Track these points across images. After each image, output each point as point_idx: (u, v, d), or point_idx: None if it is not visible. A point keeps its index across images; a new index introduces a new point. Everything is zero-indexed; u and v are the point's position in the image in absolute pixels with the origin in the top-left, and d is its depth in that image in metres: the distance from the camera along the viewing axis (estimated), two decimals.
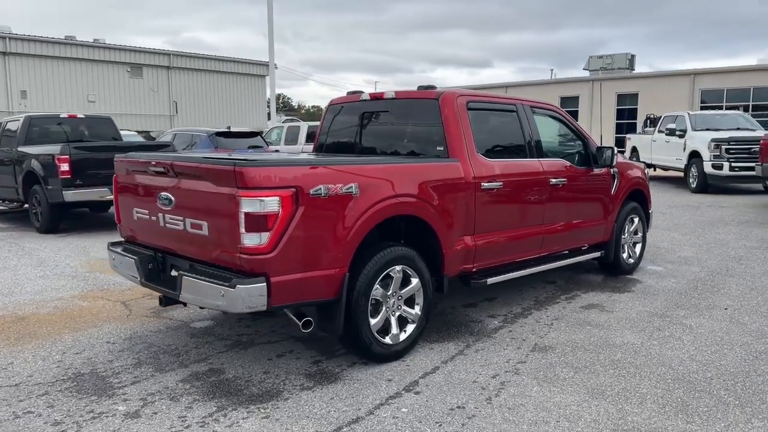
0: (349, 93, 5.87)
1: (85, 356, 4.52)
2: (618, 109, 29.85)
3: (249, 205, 3.54)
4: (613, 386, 3.93)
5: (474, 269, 4.96)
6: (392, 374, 4.14)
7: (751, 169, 13.23)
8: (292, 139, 16.26)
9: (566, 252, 6.08)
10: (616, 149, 6.22)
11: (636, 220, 6.97)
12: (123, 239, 4.89)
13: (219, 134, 13.84)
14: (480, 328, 5.09)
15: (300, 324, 3.88)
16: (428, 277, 4.50)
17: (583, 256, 6.23)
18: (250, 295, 3.58)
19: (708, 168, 14.58)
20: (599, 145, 6.26)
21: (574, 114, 31.32)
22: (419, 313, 4.47)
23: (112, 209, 5.92)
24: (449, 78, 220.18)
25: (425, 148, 5.02)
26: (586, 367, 4.25)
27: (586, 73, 35.91)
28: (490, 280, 5.04)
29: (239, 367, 4.29)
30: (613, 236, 6.57)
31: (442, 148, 4.86)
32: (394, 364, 4.31)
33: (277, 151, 14.27)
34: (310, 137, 16.00)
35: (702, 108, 26.61)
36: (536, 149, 5.58)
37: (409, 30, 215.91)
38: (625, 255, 6.85)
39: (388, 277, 4.24)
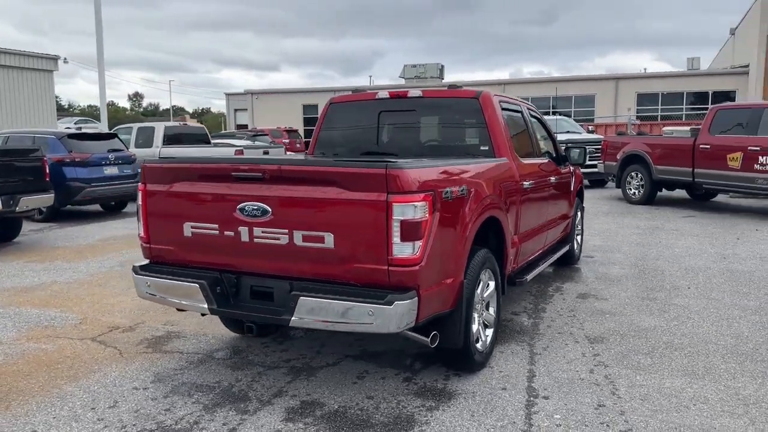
0: (354, 91, 5.50)
1: (127, 409, 3.65)
2: None
3: (404, 212, 3.17)
4: (694, 366, 4.24)
5: (515, 268, 5.00)
6: (497, 382, 4.00)
7: (593, 167, 15.06)
8: (144, 142, 14.66)
9: (555, 246, 6.39)
10: (587, 149, 6.68)
11: (579, 214, 7.57)
12: (149, 261, 4.03)
13: (71, 136, 12.02)
14: (520, 327, 5.13)
15: (428, 339, 3.57)
16: (501, 279, 4.43)
17: (561, 251, 6.60)
18: (404, 313, 3.21)
19: None
20: None
21: None
22: (494, 316, 4.38)
23: None
24: (235, 80, 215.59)
25: (466, 147, 4.92)
26: (651, 352, 4.52)
27: (402, 81, 37.77)
28: (528, 277, 5.11)
29: (332, 395, 3.81)
30: (572, 230, 7.06)
31: (486, 148, 4.81)
32: (485, 371, 4.17)
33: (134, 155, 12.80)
34: (170, 140, 14.61)
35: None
36: (538, 149, 5.79)
37: (191, 28, 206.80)
38: (575, 246, 7.40)
39: (479, 281, 4.09)
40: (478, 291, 4.01)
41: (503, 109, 5.09)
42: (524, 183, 4.94)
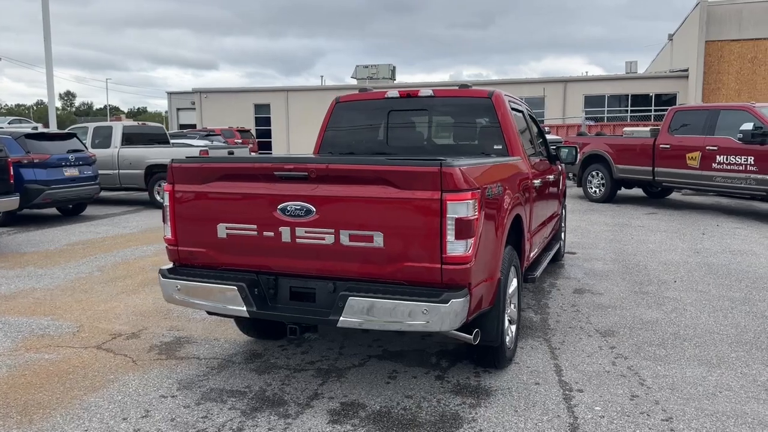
0: (360, 90, 5.47)
1: (162, 418, 3.51)
2: None
3: (458, 210, 3.17)
4: (707, 356, 4.42)
5: (527, 264, 5.08)
6: (528, 378, 4.06)
7: None
8: (102, 141, 14.09)
9: (550, 243, 6.53)
10: (577, 147, 6.86)
11: (563, 211, 7.76)
12: (176, 264, 3.89)
13: (29, 136, 11.44)
14: (530, 323, 5.22)
15: (471, 336, 3.59)
16: (520, 276, 4.50)
17: (555, 247, 6.74)
18: (459, 311, 3.22)
19: None
20: None
21: None
22: (517, 312, 4.45)
23: None
24: (171, 78, 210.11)
25: (480, 146, 4.97)
26: (662, 343, 4.69)
27: (354, 81, 37.73)
28: (537, 273, 5.20)
29: (370, 396, 3.77)
30: (563, 226, 7.23)
31: (500, 147, 4.87)
32: (513, 367, 4.23)
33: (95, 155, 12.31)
34: (129, 140, 14.11)
35: None
36: (538, 148, 5.91)
37: (124, 25, 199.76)
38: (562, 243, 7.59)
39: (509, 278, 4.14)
40: (508, 288, 4.06)
41: (511, 108, 5.17)
42: (535, 181, 5.03)
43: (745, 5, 24.43)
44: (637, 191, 15.09)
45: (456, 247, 3.19)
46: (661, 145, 12.21)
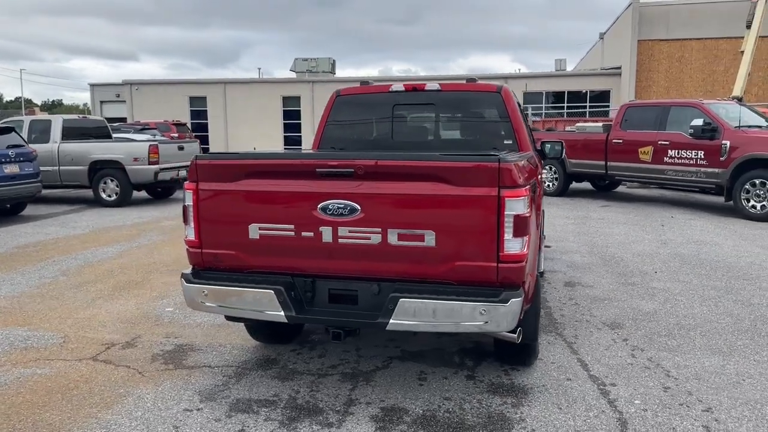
0: (362, 83, 5.30)
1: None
2: None
3: (516, 207, 3.10)
4: (716, 344, 4.55)
5: None
6: (558, 374, 4.05)
7: None
8: (39, 136, 13.16)
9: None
10: (562, 143, 6.93)
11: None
12: (197, 267, 3.63)
13: None
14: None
15: (515, 335, 3.53)
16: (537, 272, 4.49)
17: (544, 241, 6.80)
18: (517, 310, 3.15)
19: None
20: None
21: (296, 114, 32.20)
22: (539, 308, 4.43)
23: None
24: (88, 69, 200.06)
25: (490, 141, 4.91)
26: (670, 333, 4.81)
27: (293, 74, 37.12)
28: (542, 268, 5.22)
29: (408, 400, 3.66)
30: (544, 221, 7.32)
31: (510, 142, 4.84)
32: (538, 364, 4.21)
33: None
34: (68, 134, 13.26)
35: None
36: (533, 143, 5.92)
37: (35, 13, 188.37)
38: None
39: None
40: None
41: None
42: (540, 176, 5.04)
43: (672, 7, 25.68)
44: (586, 185, 15.57)
45: (513, 245, 3.12)
46: (613, 140, 12.62)
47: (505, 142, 4.85)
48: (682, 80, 25.51)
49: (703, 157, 10.95)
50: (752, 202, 10.27)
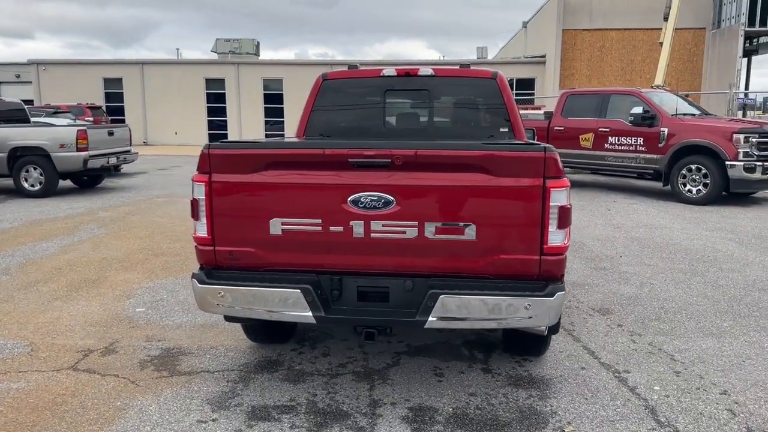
0: (350, 67, 5.06)
1: None
2: (265, 94, 30.81)
3: (560, 198, 3.02)
4: (705, 327, 4.71)
5: None
6: (570, 363, 4.05)
7: None
8: None
9: None
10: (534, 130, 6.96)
11: None
12: (207, 266, 3.32)
13: None
14: None
15: (544, 327, 3.47)
16: None
17: None
18: (561, 304, 3.09)
19: None
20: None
21: (221, 98, 31.02)
22: None
23: None
24: None
25: (485, 129, 4.83)
26: (659, 318, 4.93)
27: (215, 56, 35.82)
28: None
29: (433, 398, 3.54)
30: None
31: (506, 130, 4.78)
32: (548, 354, 4.20)
33: None
34: None
35: None
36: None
37: None
38: None
39: None
40: None
41: None
42: None
43: None
44: None
45: (557, 237, 3.05)
46: (555, 128, 12.93)
47: (501, 129, 4.78)
48: (603, 69, 26.60)
49: (642, 143, 11.41)
50: (688, 187, 10.82)
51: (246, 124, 30.91)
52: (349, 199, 3.08)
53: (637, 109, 11.35)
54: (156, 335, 4.53)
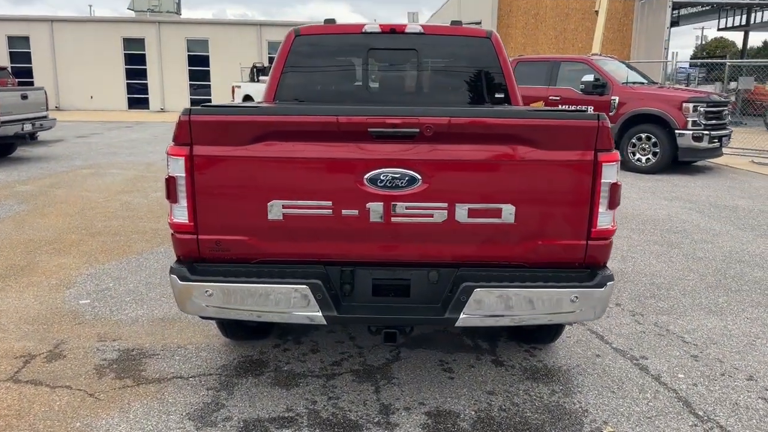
0: (326, 22, 4.45)
1: None
2: (189, 56, 28.99)
3: (611, 174, 2.63)
4: (704, 304, 4.55)
5: None
6: (583, 351, 3.76)
7: None
8: None
9: None
10: None
11: None
12: (187, 259, 2.73)
13: None
14: None
15: None
16: None
17: None
18: (610, 295, 2.73)
19: None
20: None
21: (141, 59, 28.97)
22: None
23: None
24: None
25: (481, 94, 4.39)
26: (654, 295, 4.73)
27: (131, 13, 33.50)
28: None
29: (450, 399, 3.14)
30: None
31: (502, 95, 4.36)
32: (557, 342, 3.88)
33: None
34: None
35: (270, 57, 28.44)
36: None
37: None
38: None
39: None
40: None
41: None
42: None
43: None
44: None
45: (606, 219, 2.67)
46: None
47: (496, 95, 4.36)
48: (537, 37, 26.66)
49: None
50: (638, 156, 10.86)
51: (169, 88, 29.11)
52: (366, 176, 2.57)
53: (588, 77, 11.24)
54: (109, 333, 3.89)
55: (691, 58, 44.53)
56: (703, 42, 59.80)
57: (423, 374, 3.39)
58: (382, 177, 2.57)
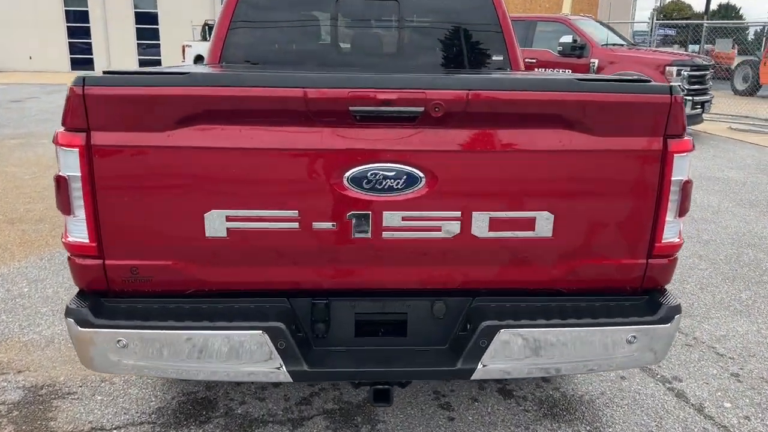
0: None
1: None
2: (136, 13, 27.05)
3: (684, 168, 1.92)
4: (725, 301, 3.99)
5: None
6: (607, 372, 3.11)
7: None
8: None
9: None
10: None
11: None
12: (93, 293, 1.93)
13: None
14: None
15: None
16: None
17: None
18: (676, 330, 2.05)
19: None
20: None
21: (83, 17, 26.91)
22: None
23: None
24: None
25: (475, 56, 3.62)
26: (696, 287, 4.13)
27: None
28: None
29: None
30: None
31: (501, 58, 3.61)
32: None
33: None
34: None
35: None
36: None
37: None
38: None
39: None
40: None
41: None
42: None
43: None
44: None
45: (673, 230, 1.97)
46: None
47: (494, 57, 3.60)
48: None
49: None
50: None
51: (115, 47, 27.26)
52: (346, 175, 1.80)
53: (567, 38, 10.52)
54: (15, 361, 3.06)
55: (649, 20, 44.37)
56: (662, 4, 60.01)
57: (415, 414, 2.69)
58: (369, 176, 1.80)
